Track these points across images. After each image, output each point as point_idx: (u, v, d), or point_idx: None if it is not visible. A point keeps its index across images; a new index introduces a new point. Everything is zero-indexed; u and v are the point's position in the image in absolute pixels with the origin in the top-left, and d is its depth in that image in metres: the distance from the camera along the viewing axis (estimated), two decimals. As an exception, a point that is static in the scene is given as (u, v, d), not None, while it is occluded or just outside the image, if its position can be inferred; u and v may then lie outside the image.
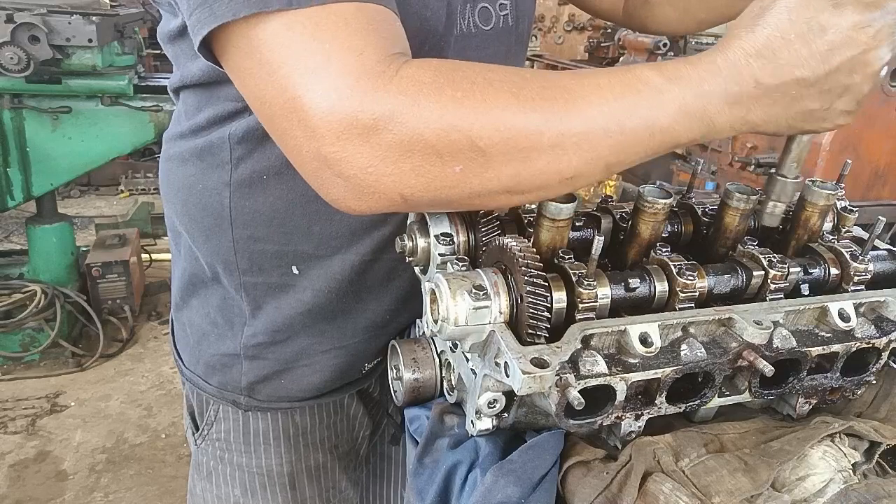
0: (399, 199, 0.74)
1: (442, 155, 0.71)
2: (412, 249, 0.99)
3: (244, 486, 1.26)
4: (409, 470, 0.95)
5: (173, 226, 1.21)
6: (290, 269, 1.10)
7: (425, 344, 0.99)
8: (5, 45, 3.22)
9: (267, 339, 1.15)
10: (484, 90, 0.71)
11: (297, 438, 1.24)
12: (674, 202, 1.01)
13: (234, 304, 1.15)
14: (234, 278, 1.12)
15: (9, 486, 3.17)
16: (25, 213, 4.52)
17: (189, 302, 1.22)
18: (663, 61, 0.77)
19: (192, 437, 1.29)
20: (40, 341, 3.95)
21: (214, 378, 1.20)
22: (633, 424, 0.83)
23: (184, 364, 1.26)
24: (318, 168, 0.74)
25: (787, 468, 0.81)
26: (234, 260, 1.10)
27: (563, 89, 0.73)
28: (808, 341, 0.84)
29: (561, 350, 0.73)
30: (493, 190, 0.75)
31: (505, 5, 1.10)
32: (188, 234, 1.15)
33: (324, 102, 0.69)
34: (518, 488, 0.78)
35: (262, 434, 1.23)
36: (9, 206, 3.84)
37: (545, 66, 7.28)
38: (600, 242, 0.77)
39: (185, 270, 1.20)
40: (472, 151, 0.71)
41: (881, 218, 0.89)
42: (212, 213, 1.09)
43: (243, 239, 1.09)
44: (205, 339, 1.20)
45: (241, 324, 1.15)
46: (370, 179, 0.72)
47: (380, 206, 0.76)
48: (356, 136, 0.70)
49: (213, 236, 1.10)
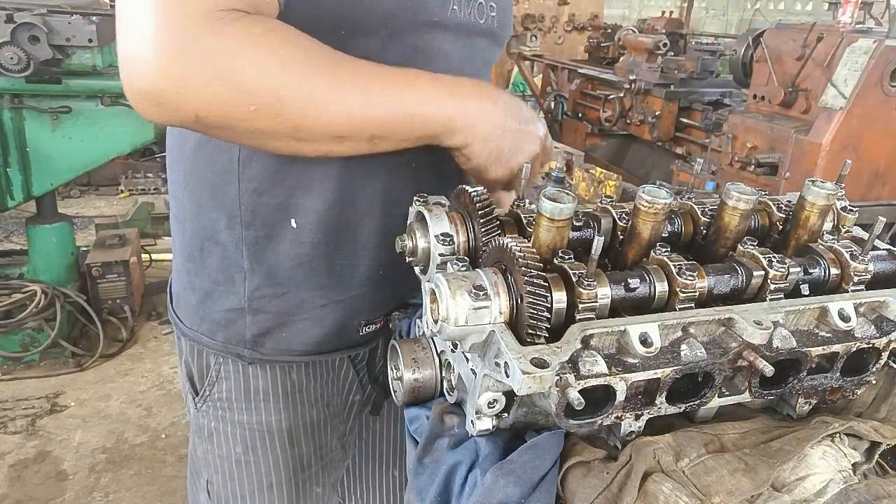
0: (192, 115, 0.88)
1: (244, 91, 0.87)
2: (412, 249, 0.99)
3: (245, 444, 1.33)
4: (409, 470, 0.95)
5: (176, 192, 1.27)
6: (290, 221, 1.17)
7: (425, 344, 0.99)
8: (5, 45, 3.22)
9: (269, 292, 1.22)
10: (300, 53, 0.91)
11: (294, 395, 1.31)
12: (674, 202, 1.01)
13: (233, 260, 1.21)
14: (236, 232, 1.18)
15: (9, 486, 3.17)
16: (25, 213, 4.52)
17: (189, 266, 1.27)
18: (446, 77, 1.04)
19: (193, 401, 1.35)
20: (40, 341, 3.95)
21: (220, 334, 1.27)
22: (633, 424, 0.83)
23: (186, 325, 1.32)
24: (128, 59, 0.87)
25: (787, 468, 0.81)
26: (239, 213, 1.17)
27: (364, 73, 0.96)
28: (808, 341, 0.84)
29: (561, 350, 0.73)
30: (277, 134, 0.93)
31: (493, 7, 1.24)
32: (192, 193, 1.21)
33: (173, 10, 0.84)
34: (518, 488, 0.78)
35: (262, 391, 1.29)
36: (9, 206, 3.84)
37: (545, 66, 7.28)
38: (600, 242, 0.77)
39: (186, 233, 1.26)
40: (271, 97, 0.88)
41: (881, 218, 0.89)
42: (220, 169, 1.16)
43: (248, 192, 1.15)
44: (209, 298, 1.26)
45: (241, 279, 1.21)
46: (173, 89, 0.85)
47: (170, 117, 0.90)
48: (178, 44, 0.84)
49: (220, 191, 1.17)
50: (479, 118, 1.05)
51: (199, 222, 1.22)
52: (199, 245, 1.23)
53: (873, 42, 3.49)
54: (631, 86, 5.58)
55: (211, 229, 1.21)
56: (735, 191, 0.92)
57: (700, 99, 5.37)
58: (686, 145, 5.42)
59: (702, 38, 8.41)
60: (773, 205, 1.04)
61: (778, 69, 3.96)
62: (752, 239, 0.92)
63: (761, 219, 1.04)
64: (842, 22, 4.14)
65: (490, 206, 0.96)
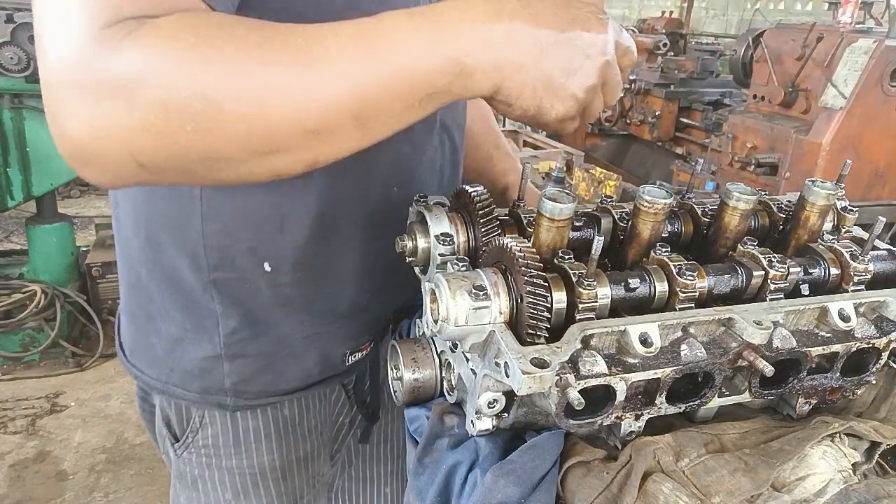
0: (134, 164, 0.69)
1: (170, 107, 0.66)
2: (412, 249, 0.99)
3: (236, 489, 1.22)
4: (409, 470, 0.95)
5: (124, 231, 1.11)
6: (263, 266, 1.05)
7: (425, 344, 0.99)
8: (5, 45, 3.23)
9: (247, 335, 1.10)
10: (223, 40, 0.68)
11: (286, 431, 1.21)
12: (674, 202, 1.01)
13: (202, 304, 1.07)
14: (203, 275, 1.05)
15: (9, 486, 3.17)
16: (25, 213, 4.52)
17: (148, 311, 1.13)
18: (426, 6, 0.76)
19: (171, 447, 1.22)
20: (40, 341, 3.95)
21: (194, 384, 1.13)
22: (633, 424, 0.83)
23: (152, 377, 1.17)
24: (50, 122, 0.69)
25: (787, 468, 0.81)
26: (203, 255, 1.03)
27: (304, 38, 0.70)
28: (808, 341, 0.84)
29: (561, 350, 0.73)
30: (233, 149, 0.70)
31: None
32: (147, 232, 1.06)
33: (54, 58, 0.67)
34: (518, 488, 0.78)
35: (252, 432, 1.19)
36: (9, 206, 3.84)
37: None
38: (600, 242, 0.77)
39: (141, 277, 1.11)
40: (201, 103, 0.66)
41: (881, 218, 0.89)
42: (179, 204, 1.01)
43: (213, 232, 1.02)
44: (177, 346, 1.12)
45: (212, 324, 1.09)
46: (95, 143, 0.67)
47: (114, 173, 0.70)
48: (86, 94, 0.65)
49: (180, 230, 1.03)
50: (496, 43, 0.74)
51: (157, 264, 1.08)
52: (159, 289, 1.09)
53: (873, 42, 3.50)
54: (631, 86, 5.59)
55: (172, 272, 1.06)
56: (735, 191, 0.92)
57: (700, 99, 5.38)
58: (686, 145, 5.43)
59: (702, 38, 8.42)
60: (773, 205, 1.04)
61: (778, 69, 3.96)
62: (752, 239, 0.92)
63: (761, 219, 1.04)
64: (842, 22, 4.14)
65: (490, 206, 0.96)
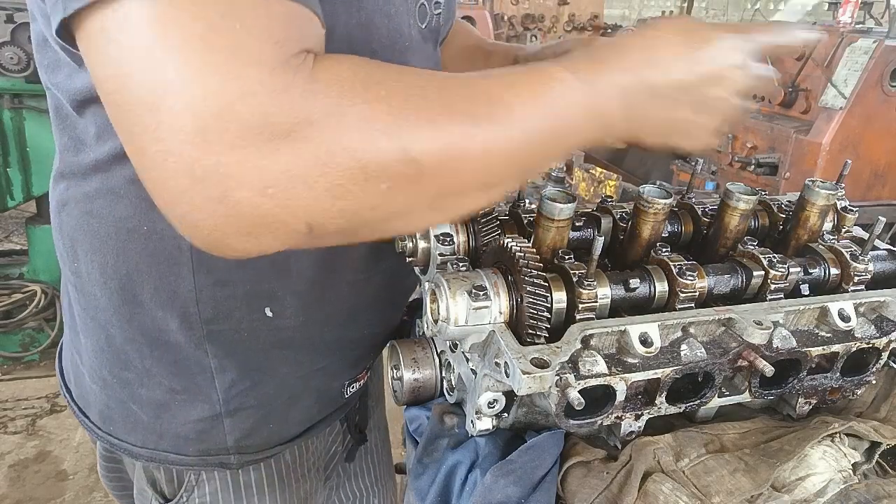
0: (304, 229, 0.60)
1: (368, 170, 0.58)
2: (412, 250, 0.99)
3: None
4: (409, 470, 0.95)
5: (88, 287, 0.98)
6: (264, 311, 0.97)
7: (425, 344, 0.99)
8: (5, 45, 3.22)
9: (247, 385, 1.02)
10: (411, 93, 0.62)
11: (287, 475, 1.17)
12: (674, 202, 1.01)
13: (193, 361, 0.98)
14: (195, 332, 0.96)
15: (9, 486, 3.17)
16: (25, 213, 4.51)
17: (124, 376, 1.01)
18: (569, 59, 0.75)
19: None
20: (40, 341, 3.95)
21: (191, 448, 1.04)
22: (633, 424, 0.83)
23: (135, 446, 1.06)
24: (185, 189, 0.55)
25: (787, 468, 0.81)
26: (196, 311, 0.94)
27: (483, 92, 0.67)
28: (809, 341, 0.84)
29: (561, 350, 0.73)
30: (416, 207, 0.66)
31: (440, 4, 1.03)
32: (122, 290, 0.94)
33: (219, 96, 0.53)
34: (518, 488, 0.78)
35: (254, 484, 1.12)
36: (9, 206, 3.83)
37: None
38: (600, 242, 0.77)
39: (113, 339, 0.99)
40: (404, 165, 0.60)
41: (881, 218, 0.89)
42: (165, 259, 0.90)
43: (207, 286, 0.92)
44: (165, 412, 1.02)
45: (207, 381, 1.00)
46: (268, 206, 0.56)
47: (273, 242, 0.60)
48: (262, 145, 0.54)
49: (166, 286, 0.92)
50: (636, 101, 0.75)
51: (135, 324, 0.96)
52: (139, 352, 0.98)
53: (873, 42, 3.50)
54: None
55: (156, 332, 0.96)
56: (735, 191, 0.92)
57: (700, 99, 5.36)
58: (686, 145, 5.41)
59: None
60: (774, 205, 1.04)
61: (778, 69, 3.96)
62: (753, 239, 0.92)
63: (761, 219, 1.04)
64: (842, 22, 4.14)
65: (490, 207, 0.96)
